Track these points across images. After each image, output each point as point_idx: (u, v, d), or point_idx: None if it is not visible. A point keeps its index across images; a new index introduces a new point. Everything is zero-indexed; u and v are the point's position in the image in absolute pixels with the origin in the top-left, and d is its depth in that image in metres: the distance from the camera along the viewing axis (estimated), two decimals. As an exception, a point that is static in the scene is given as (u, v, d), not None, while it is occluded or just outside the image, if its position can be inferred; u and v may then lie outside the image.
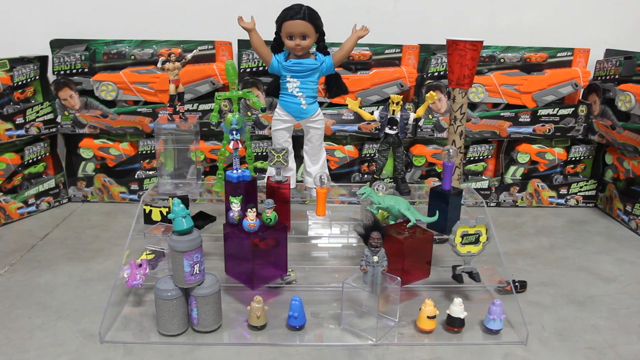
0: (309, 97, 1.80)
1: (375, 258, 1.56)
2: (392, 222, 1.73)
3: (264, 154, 2.53)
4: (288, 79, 1.78)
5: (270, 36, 1.81)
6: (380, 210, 1.74)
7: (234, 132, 1.71)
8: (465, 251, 1.69)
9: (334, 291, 1.76)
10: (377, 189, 1.79)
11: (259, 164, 2.50)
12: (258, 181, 1.82)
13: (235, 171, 1.72)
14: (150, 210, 1.87)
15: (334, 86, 1.88)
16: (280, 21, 1.73)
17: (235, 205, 1.61)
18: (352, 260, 1.97)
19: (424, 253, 1.72)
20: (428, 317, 1.55)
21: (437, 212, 1.69)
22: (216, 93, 1.81)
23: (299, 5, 1.72)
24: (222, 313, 1.58)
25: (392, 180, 1.73)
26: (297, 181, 2.04)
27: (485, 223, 1.66)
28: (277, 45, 1.80)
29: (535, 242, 2.26)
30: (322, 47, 1.80)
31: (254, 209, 1.57)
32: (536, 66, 2.55)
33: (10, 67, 2.30)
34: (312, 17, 1.71)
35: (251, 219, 1.56)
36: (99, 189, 2.60)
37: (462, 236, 1.66)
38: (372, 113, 1.88)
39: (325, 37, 1.79)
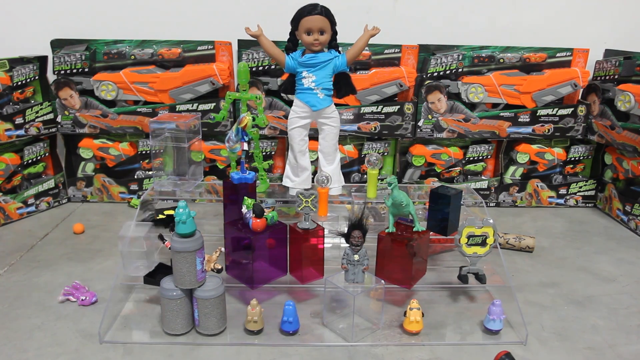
0: (324, 90, 1.81)
1: (356, 257, 1.59)
2: (390, 216, 1.71)
3: (264, 153, 2.53)
4: (304, 74, 1.79)
5: (274, 36, 1.81)
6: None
7: (244, 135, 1.72)
8: (471, 252, 1.69)
9: (334, 291, 1.76)
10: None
11: (266, 165, 2.52)
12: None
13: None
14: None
15: (344, 85, 1.88)
16: (298, 18, 1.75)
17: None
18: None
19: (425, 251, 1.73)
20: (414, 320, 1.55)
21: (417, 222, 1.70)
22: (228, 92, 1.83)
23: (314, 3, 1.75)
24: (226, 317, 1.58)
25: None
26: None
27: (491, 225, 1.67)
28: (291, 46, 1.82)
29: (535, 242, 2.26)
30: (334, 45, 1.82)
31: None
32: (535, 66, 2.56)
33: (10, 67, 2.30)
34: (328, 13, 1.76)
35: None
36: (98, 189, 2.60)
37: (468, 237, 1.66)
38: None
39: (337, 37, 1.81)
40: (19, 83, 2.34)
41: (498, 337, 1.58)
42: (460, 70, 2.51)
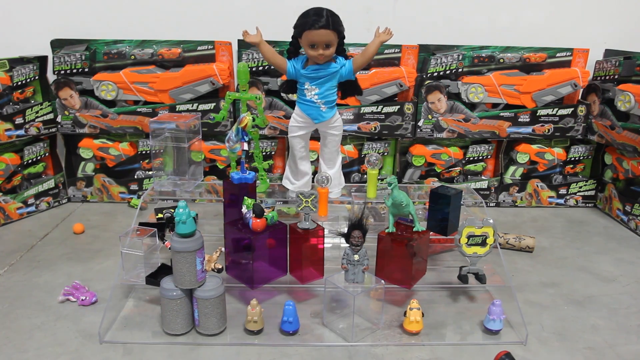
0: (328, 102, 1.75)
1: (356, 257, 1.58)
2: (390, 216, 1.71)
3: (264, 153, 2.53)
4: (306, 86, 1.73)
5: (273, 36, 1.79)
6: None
7: (244, 135, 1.72)
8: (471, 252, 1.69)
9: (334, 291, 1.76)
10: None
11: (266, 165, 2.53)
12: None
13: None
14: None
15: (349, 88, 1.82)
16: (301, 29, 1.65)
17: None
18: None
19: (425, 251, 1.73)
20: (414, 320, 1.55)
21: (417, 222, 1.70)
22: (227, 92, 1.82)
23: (319, 11, 1.62)
24: (226, 317, 1.58)
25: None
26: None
27: (491, 225, 1.67)
28: (294, 50, 1.74)
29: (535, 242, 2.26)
30: (342, 50, 1.73)
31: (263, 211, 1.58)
32: (535, 66, 2.56)
33: (10, 67, 2.30)
34: (335, 24, 1.63)
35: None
36: (98, 189, 2.60)
37: (468, 237, 1.66)
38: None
39: (345, 40, 1.72)
40: (19, 83, 2.34)
41: (498, 337, 1.58)
42: (460, 70, 2.51)
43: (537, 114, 2.56)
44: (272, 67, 2.44)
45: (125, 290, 1.77)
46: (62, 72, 2.42)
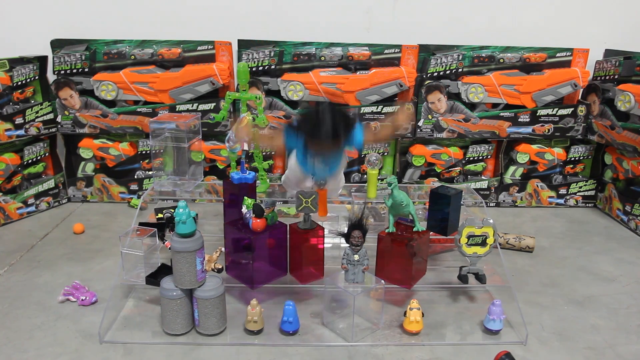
0: (333, 168, 1.63)
1: (356, 257, 1.58)
2: (390, 216, 1.71)
3: (264, 153, 2.53)
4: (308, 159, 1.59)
5: (273, 35, 1.78)
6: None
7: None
8: (471, 252, 1.69)
9: (334, 291, 1.76)
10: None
11: (266, 165, 2.53)
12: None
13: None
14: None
15: None
16: (302, 134, 1.46)
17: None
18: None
19: (425, 251, 1.73)
20: (414, 320, 1.55)
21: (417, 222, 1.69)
22: (227, 92, 1.82)
23: (321, 123, 1.37)
24: (226, 317, 1.58)
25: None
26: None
27: (491, 225, 1.67)
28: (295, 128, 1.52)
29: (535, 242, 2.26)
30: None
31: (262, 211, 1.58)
32: (535, 66, 2.56)
33: (10, 67, 2.30)
34: (344, 134, 1.42)
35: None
36: (98, 189, 2.60)
37: (468, 237, 1.66)
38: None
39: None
40: (19, 83, 2.34)
41: (498, 337, 1.58)
42: (460, 70, 2.51)
43: (537, 114, 2.56)
44: (272, 67, 2.45)
45: (125, 290, 1.77)
46: (62, 72, 2.42)
